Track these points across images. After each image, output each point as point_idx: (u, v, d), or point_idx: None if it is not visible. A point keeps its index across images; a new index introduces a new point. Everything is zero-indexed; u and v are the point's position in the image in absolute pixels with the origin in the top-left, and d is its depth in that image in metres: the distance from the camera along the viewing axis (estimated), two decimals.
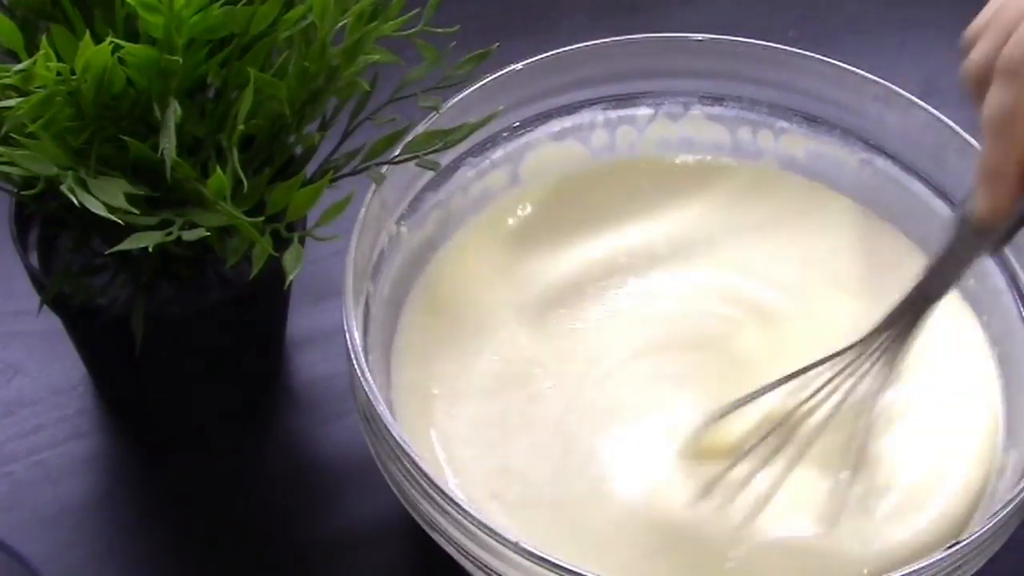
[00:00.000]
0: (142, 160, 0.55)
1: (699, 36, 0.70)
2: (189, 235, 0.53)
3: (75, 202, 0.52)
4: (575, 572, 0.52)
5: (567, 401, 0.64)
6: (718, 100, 0.72)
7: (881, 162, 0.70)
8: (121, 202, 0.53)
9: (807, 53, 0.70)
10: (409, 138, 0.62)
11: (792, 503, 0.59)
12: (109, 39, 0.53)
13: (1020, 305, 0.65)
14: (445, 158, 0.66)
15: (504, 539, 0.53)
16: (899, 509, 0.61)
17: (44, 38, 0.52)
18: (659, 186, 0.72)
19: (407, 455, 0.55)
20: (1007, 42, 0.51)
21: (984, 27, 0.53)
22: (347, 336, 0.58)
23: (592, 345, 0.66)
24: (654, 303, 0.67)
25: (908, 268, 0.69)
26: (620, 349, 0.65)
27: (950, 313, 0.67)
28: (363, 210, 0.61)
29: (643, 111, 0.72)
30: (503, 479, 0.61)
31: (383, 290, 0.64)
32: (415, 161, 0.62)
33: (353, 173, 0.61)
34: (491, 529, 0.53)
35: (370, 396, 0.56)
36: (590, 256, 0.69)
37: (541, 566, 0.53)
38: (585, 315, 0.67)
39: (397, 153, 0.62)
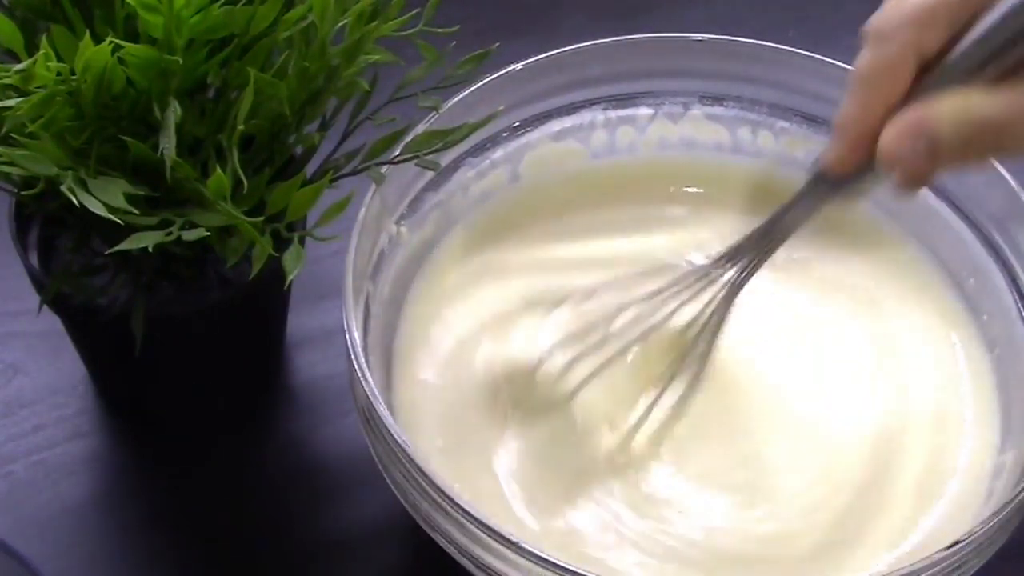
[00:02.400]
0: (142, 160, 0.55)
1: (699, 36, 0.70)
2: (189, 235, 0.53)
3: (75, 202, 0.52)
4: (575, 572, 0.52)
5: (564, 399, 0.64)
6: (718, 100, 0.72)
7: None
8: (121, 202, 0.53)
9: (807, 53, 0.70)
10: (409, 138, 0.62)
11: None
12: (109, 39, 0.53)
13: (1020, 305, 0.65)
14: (445, 158, 0.66)
15: (504, 539, 0.53)
16: (897, 509, 0.61)
17: (44, 38, 0.52)
18: (660, 187, 0.72)
19: (407, 455, 0.55)
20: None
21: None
22: (347, 336, 0.58)
23: (591, 345, 0.66)
24: (653, 306, 0.67)
25: (905, 268, 0.69)
26: (618, 351, 0.65)
27: (949, 313, 0.67)
28: (363, 210, 0.61)
29: (643, 111, 0.72)
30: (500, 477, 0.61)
31: (383, 290, 0.64)
32: (415, 161, 0.62)
33: (353, 173, 0.61)
34: (491, 529, 0.53)
35: (370, 396, 0.56)
36: (590, 256, 0.69)
37: (541, 566, 0.53)
38: (586, 315, 0.67)
39: (397, 153, 0.62)
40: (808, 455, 0.63)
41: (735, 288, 0.61)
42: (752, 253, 0.60)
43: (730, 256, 0.61)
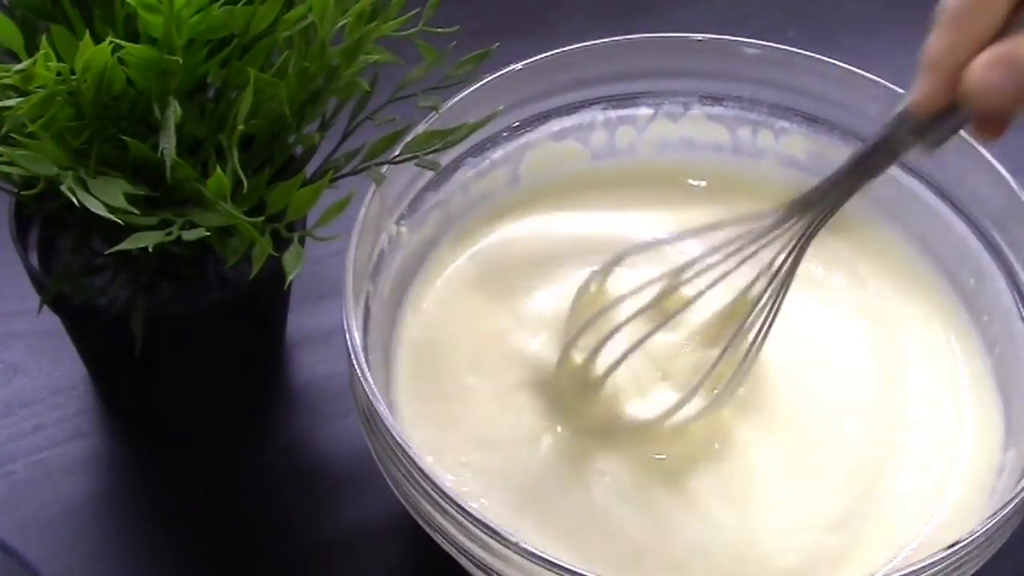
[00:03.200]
0: (142, 160, 0.55)
1: (699, 36, 0.70)
2: (189, 235, 0.53)
3: (75, 202, 0.52)
4: (575, 572, 0.52)
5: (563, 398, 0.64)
6: (718, 100, 0.72)
7: None
8: (121, 202, 0.53)
9: (807, 53, 0.70)
10: (409, 138, 0.62)
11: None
12: (109, 39, 0.53)
13: (1020, 305, 0.65)
14: (445, 158, 0.66)
15: (504, 539, 0.53)
16: (898, 509, 0.61)
17: (44, 38, 0.52)
18: (660, 187, 0.72)
19: (407, 455, 0.55)
20: None
21: None
22: (347, 336, 0.58)
23: (590, 343, 0.66)
24: (651, 305, 0.67)
25: (906, 269, 0.69)
26: (618, 349, 0.65)
27: (949, 313, 0.67)
28: (363, 210, 0.61)
29: (643, 111, 0.72)
30: (502, 477, 0.61)
31: (383, 290, 0.64)
32: (415, 161, 0.62)
33: (353, 173, 0.61)
34: (491, 529, 0.53)
35: (370, 396, 0.56)
36: (589, 256, 0.69)
37: (541, 566, 0.53)
38: (584, 314, 0.67)
39: (397, 153, 0.62)
40: (808, 454, 0.63)
41: (805, 241, 0.58)
42: (825, 203, 0.57)
43: (800, 207, 0.58)
